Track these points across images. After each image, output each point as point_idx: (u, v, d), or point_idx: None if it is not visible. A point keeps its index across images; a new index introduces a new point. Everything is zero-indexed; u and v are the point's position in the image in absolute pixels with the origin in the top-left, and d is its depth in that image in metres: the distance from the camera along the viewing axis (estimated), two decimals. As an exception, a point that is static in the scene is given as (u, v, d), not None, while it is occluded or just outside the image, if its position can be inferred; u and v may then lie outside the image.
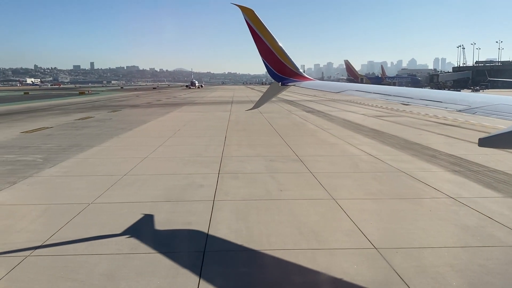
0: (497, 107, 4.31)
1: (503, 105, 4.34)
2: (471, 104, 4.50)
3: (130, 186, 10.95)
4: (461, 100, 4.81)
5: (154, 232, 7.63)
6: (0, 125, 26.27)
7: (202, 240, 7.19)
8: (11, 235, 7.47)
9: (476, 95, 4.96)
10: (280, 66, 7.94)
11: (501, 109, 4.20)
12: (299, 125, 25.76)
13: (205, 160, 14.40)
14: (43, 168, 13.07)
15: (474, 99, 4.80)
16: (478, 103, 4.52)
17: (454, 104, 4.71)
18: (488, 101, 4.57)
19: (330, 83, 9.58)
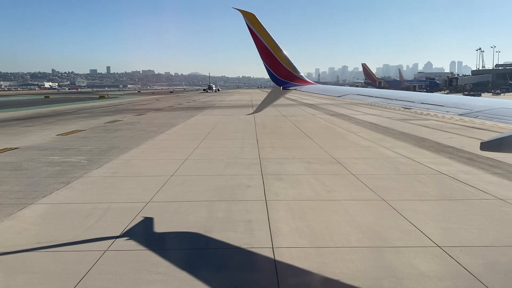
0: (499, 111, 4.30)
1: (505, 109, 4.33)
2: (473, 108, 4.51)
3: (181, 186, 11.29)
4: (462, 104, 4.81)
5: (219, 228, 7.91)
6: (34, 128, 26.95)
7: (266, 237, 7.45)
8: (86, 231, 7.83)
9: (477, 99, 5.01)
10: (281, 70, 8.03)
11: (502, 113, 4.19)
12: (327, 128, 25.93)
13: (244, 162, 14.69)
14: (90, 169, 13.50)
15: (475, 103, 4.82)
16: (479, 107, 4.54)
17: (455, 108, 4.71)
18: (490, 105, 4.58)
19: (331, 87, 9.63)
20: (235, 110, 45.97)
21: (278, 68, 8.02)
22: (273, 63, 8.00)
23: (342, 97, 7.09)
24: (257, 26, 7.70)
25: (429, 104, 5.13)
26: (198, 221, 8.36)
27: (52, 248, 7.07)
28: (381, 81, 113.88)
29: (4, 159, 15.45)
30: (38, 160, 15.15)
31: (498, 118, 4.06)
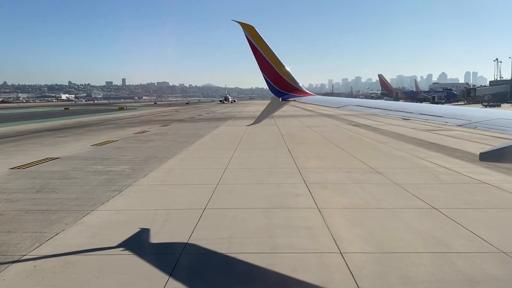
0: (498, 121, 4.32)
1: (503, 119, 4.35)
2: (472, 119, 4.52)
3: (231, 194, 11.62)
4: (461, 115, 4.80)
5: (282, 234, 8.19)
6: (68, 138, 27.66)
7: (331, 243, 7.70)
8: (155, 236, 8.19)
9: (476, 109, 5.04)
10: (281, 81, 8.08)
11: (501, 124, 4.21)
12: (354, 139, 26.10)
13: (284, 171, 14.97)
14: (137, 178, 13.93)
15: (474, 113, 4.82)
16: (478, 117, 4.56)
17: (454, 119, 4.71)
18: (489, 115, 4.60)
19: (331, 98, 9.65)
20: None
21: (277, 80, 8.10)
22: (272, 75, 8.08)
23: (342, 108, 7.16)
24: (256, 38, 7.81)
25: (428, 115, 5.16)
26: (259, 227, 8.66)
27: (129, 251, 7.42)
28: (398, 92, 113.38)
29: (50, 168, 15.99)
30: (83, 169, 15.65)
31: (497, 129, 4.07)
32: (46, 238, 8.09)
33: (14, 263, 6.94)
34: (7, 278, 6.37)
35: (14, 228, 8.77)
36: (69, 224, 9.01)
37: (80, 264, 6.87)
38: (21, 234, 8.39)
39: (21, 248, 7.61)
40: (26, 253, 7.37)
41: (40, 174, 14.85)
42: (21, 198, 11.34)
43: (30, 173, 15.09)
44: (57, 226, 8.87)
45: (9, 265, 6.86)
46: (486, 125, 4.25)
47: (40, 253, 7.36)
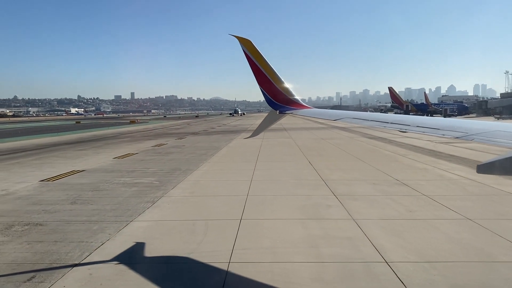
0: (495, 133, 4.33)
1: (500, 131, 4.36)
2: (469, 131, 4.53)
3: (262, 205, 11.79)
4: (458, 127, 4.82)
5: (325, 245, 8.33)
6: (88, 152, 28.06)
7: (374, 252, 7.83)
8: (199, 245, 8.38)
9: (473, 122, 5.07)
10: (278, 94, 8.15)
11: (498, 136, 4.22)
12: (373, 151, 26.19)
13: (310, 183, 15.12)
14: (166, 190, 14.17)
15: (471, 126, 4.83)
16: (475, 130, 4.56)
17: (451, 131, 4.72)
18: (485, 128, 4.61)
19: (327, 111, 9.71)
20: (269, 133, 46.48)
21: (274, 93, 8.17)
22: (269, 88, 8.15)
23: (338, 120, 7.15)
24: (253, 52, 7.91)
25: (425, 127, 5.18)
26: (299, 237, 8.82)
27: (176, 259, 7.61)
28: (409, 105, 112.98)
29: (79, 181, 16.29)
30: (112, 182, 15.92)
31: (494, 141, 4.08)
32: (94, 247, 8.31)
33: (69, 271, 7.15)
34: (67, 285, 6.58)
35: (60, 238, 9.01)
36: (112, 234, 9.23)
37: (134, 272, 7.06)
38: (68, 243, 8.62)
39: (72, 256, 7.83)
40: (79, 261, 7.59)
41: (70, 186, 15.14)
42: (59, 209, 11.61)
43: (61, 185, 15.39)
44: (101, 236, 9.10)
45: (65, 273, 7.07)
46: (483, 138, 4.25)
47: (92, 260, 7.57)
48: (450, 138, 4.60)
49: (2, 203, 12.44)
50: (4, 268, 7.33)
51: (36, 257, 7.85)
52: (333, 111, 9.15)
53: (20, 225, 10.05)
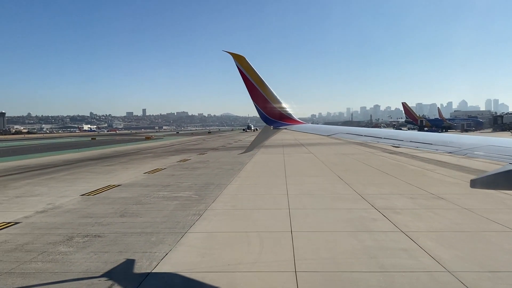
0: (487, 148, 4.35)
1: (493, 146, 4.38)
2: (461, 146, 4.55)
3: (308, 218, 12.05)
4: (450, 142, 4.83)
5: (383, 255, 8.55)
6: (115, 167, 28.61)
7: (434, 263, 8.03)
8: (260, 255, 8.66)
9: (466, 136, 5.12)
10: (271, 110, 8.16)
11: (490, 151, 4.24)
12: (398, 166, 26.31)
13: (347, 197, 15.34)
14: (208, 203, 14.51)
15: (463, 141, 4.84)
16: (468, 144, 4.58)
17: (444, 146, 4.74)
18: (478, 142, 4.62)
19: (321, 126, 9.71)
20: (289, 149, 46.81)
21: (268, 108, 8.20)
22: (263, 103, 8.19)
23: (332, 136, 7.13)
24: (246, 68, 8.01)
25: (418, 142, 5.20)
26: (356, 249, 9.06)
27: (243, 269, 7.89)
28: (423, 120, 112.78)
29: (119, 195, 16.72)
30: (151, 196, 16.32)
31: (486, 156, 4.11)
32: (160, 257, 8.63)
33: (145, 279, 7.47)
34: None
35: (123, 248, 9.35)
36: (172, 244, 9.55)
37: (208, 280, 7.36)
38: (133, 253, 8.96)
39: (142, 266, 8.16)
40: (150, 270, 7.91)
41: (113, 200, 15.55)
42: (110, 222, 11.98)
43: (103, 199, 15.82)
44: (162, 246, 9.43)
45: (140, 281, 7.39)
46: (475, 152, 4.28)
47: (163, 270, 7.88)
48: (443, 153, 4.64)
49: (53, 216, 12.85)
50: (82, 275, 7.67)
51: (108, 266, 8.19)
52: (327, 127, 9.18)
53: (79, 236, 10.43)
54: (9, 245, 9.76)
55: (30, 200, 15.86)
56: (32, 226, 11.59)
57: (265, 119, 8.26)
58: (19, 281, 7.47)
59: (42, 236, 10.49)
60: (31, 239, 10.21)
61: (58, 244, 9.74)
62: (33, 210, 13.82)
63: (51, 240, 10.15)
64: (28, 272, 7.92)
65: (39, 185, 19.80)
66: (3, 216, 12.88)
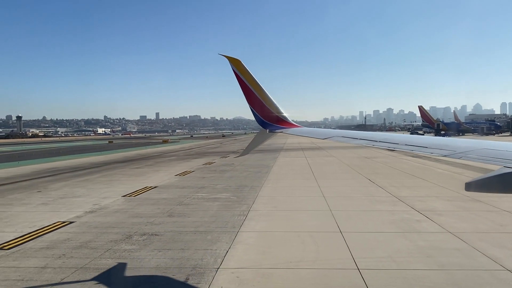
0: (481, 151, 4.37)
1: (487, 149, 4.39)
2: (456, 149, 4.56)
3: (351, 219, 12.34)
4: (445, 145, 4.86)
5: (439, 254, 8.82)
6: (144, 170, 29.21)
7: (490, 261, 8.28)
8: (319, 254, 9.00)
9: (460, 140, 5.18)
10: (267, 113, 8.22)
11: (485, 154, 4.26)
12: (425, 169, 26.41)
13: (384, 200, 15.57)
14: (249, 204, 14.90)
15: (458, 144, 4.86)
16: (462, 148, 4.58)
17: (439, 149, 4.77)
18: (473, 146, 4.63)
19: (317, 130, 9.71)
20: (310, 152, 47.04)
21: (263, 112, 8.26)
22: (259, 107, 8.25)
23: (327, 139, 7.14)
24: (242, 71, 8.07)
25: (413, 145, 5.21)
26: (409, 248, 9.34)
27: (309, 265, 8.24)
28: (440, 123, 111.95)
29: (159, 196, 17.20)
30: (191, 197, 16.77)
31: (481, 159, 4.14)
32: (222, 255, 9.02)
33: (216, 274, 7.86)
34: (225, 286, 7.28)
35: (183, 246, 9.77)
36: (229, 243, 9.95)
37: (276, 276, 7.72)
38: (195, 251, 9.37)
39: (208, 262, 8.56)
40: (218, 266, 8.29)
41: (155, 201, 16.04)
42: (162, 221, 12.43)
43: (145, 200, 16.31)
44: (220, 244, 9.83)
45: (213, 276, 7.78)
46: (470, 156, 4.30)
47: (230, 266, 8.27)
48: (438, 156, 4.66)
49: (104, 216, 13.35)
50: (154, 271, 8.09)
51: (176, 262, 8.60)
52: (322, 130, 9.22)
53: (137, 235, 10.88)
54: (73, 242, 10.25)
55: (74, 201, 16.41)
56: (88, 225, 12.08)
57: (260, 122, 8.35)
58: (97, 275, 7.90)
59: (101, 235, 10.95)
60: (92, 237, 10.68)
61: (119, 242, 10.19)
62: (82, 210, 14.34)
63: (111, 238, 10.61)
64: (101, 267, 8.37)
65: (77, 187, 20.40)
66: (56, 216, 13.41)
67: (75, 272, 8.06)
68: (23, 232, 11.39)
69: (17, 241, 10.47)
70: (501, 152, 4.21)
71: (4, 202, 16.48)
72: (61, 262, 8.73)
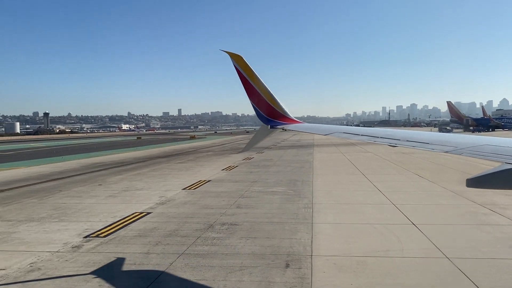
0: (483, 148, 4.35)
1: (489, 146, 4.38)
2: (458, 145, 4.55)
3: (418, 212, 12.65)
4: (447, 142, 4.84)
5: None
6: (189, 164, 30.05)
7: None
8: (404, 244, 9.40)
9: (463, 136, 5.15)
10: (269, 109, 8.22)
11: (486, 150, 4.24)
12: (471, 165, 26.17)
13: (442, 194, 15.83)
14: (309, 198, 15.40)
15: (460, 140, 4.84)
16: (464, 144, 4.57)
17: (441, 145, 4.75)
18: (474, 142, 4.62)
19: (318, 126, 9.70)
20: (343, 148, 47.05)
21: (265, 108, 8.27)
22: (260, 103, 8.25)
23: (329, 135, 7.18)
24: (244, 67, 8.10)
25: (415, 141, 5.20)
26: (488, 239, 9.67)
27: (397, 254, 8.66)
28: (468, 119, 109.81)
29: (218, 189, 17.84)
30: (249, 190, 17.35)
31: (483, 155, 4.11)
32: (308, 243, 9.53)
33: (313, 260, 8.36)
34: (326, 271, 7.78)
35: (267, 235, 10.32)
36: (309, 233, 10.46)
37: (371, 263, 8.18)
38: (281, 240, 9.90)
39: (299, 250, 9.08)
40: (310, 254, 8.80)
41: (217, 193, 16.69)
42: (233, 212, 13.02)
43: (206, 193, 16.97)
44: (302, 234, 10.34)
45: (310, 262, 8.28)
46: (472, 152, 4.29)
47: (322, 254, 8.76)
48: (440, 152, 4.64)
49: (176, 207, 14.03)
50: (252, 257, 8.65)
51: (268, 250, 9.14)
52: (324, 126, 9.21)
53: (218, 225, 11.49)
54: (161, 231, 10.92)
55: (139, 193, 17.19)
56: (165, 216, 12.76)
57: (262, 118, 8.38)
58: (201, 261, 8.50)
59: (183, 224, 11.61)
60: (176, 227, 11.34)
61: (204, 231, 10.81)
62: (152, 202, 15.08)
63: (194, 227, 11.25)
64: (202, 253, 8.98)
65: (134, 181, 21.25)
66: (130, 207, 14.17)
67: (180, 257, 8.68)
68: (108, 221, 12.13)
69: (108, 229, 11.20)
70: (503, 148, 4.22)
71: (72, 194, 17.39)
72: (161, 248, 9.39)
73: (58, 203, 15.33)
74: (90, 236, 10.59)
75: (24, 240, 10.32)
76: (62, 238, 10.39)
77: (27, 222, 12.27)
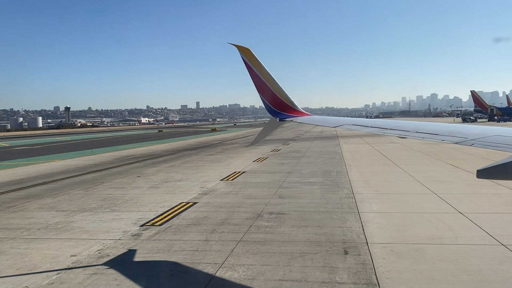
0: (494, 138, 4.29)
1: (500, 136, 4.33)
2: (468, 136, 4.49)
3: (462, 202, 12.66)
4: (457, 132, 4.79)
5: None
6: (218, 156, 30.52)
7: None
8: (457, 232, 9.55)
9: (472, 126, 5.11)
10: (277, 102, 8.19)
11: (497, 141, 4.19)
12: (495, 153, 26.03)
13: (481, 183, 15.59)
14: (348, 188, 15.61)
15: (470, 131, 4.77)
16: (474, 135, 4.50)
17: (450, 137, 4.70)
18: (485, 132, 4.55)
19: (327, 118, 9.58)
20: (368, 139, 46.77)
21: (273, 100, 8.27)
22: (269, 95, 8.23)
23: (339, 127, 7.15)
24: (252, 60, 8.08)
25: (424, 133, 5.16)
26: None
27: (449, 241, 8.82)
28: (493, 109, 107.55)
29: (255, 180, 18.19)
30: (287, 181, 17.64)
31: (493, 146, 4.07)
32: (359, 232, 9.75)
33: (369, 248, 8.59)
34: (386, 257, 8.01)
35: (318, 224, 10.59)
36: (358, 222, 10.68)
37: (428, 250, 8.38)
38: (332, 228, 10.17)
39: (353, 238, 9.32)
40: (365, 241, 9.03)
41: (255, 184, 17.03)
42: (277, 202, 13.32)
43: (245, 183, 17.33)
44: (351, 223, 10.57)
45: (367, 249, 8.52)
46: (482, 142, 4.24)
47: (376, 241, 8.98)
48: (450, 143, 4.59)
49: (220, 197, 14.42)
50: (309, 244, 8.93)
51: (322, 237, 9.41)
52: (333, 118, 9.18)
53: (266, 214, 11.80)
54: (212, 220, 11.29)
55: (180, 184, 17.66)
56: (212, 205, 13.14)
57: (270, 111, 8.43)
58: (260, 247, 8.81)
59: (232, 213, 11.96)
60: (226, 216, 11.70)
61: (255, 220, 11.14)
62: (195, 192, 15.51)
63: (244, 216, 11.59)
64: (259, 240, 9.29)
65: (170, 172, 21.76)
66: (176, 198, 14.61)
67: (239, 244, 9.02)
68: (158, 211, 12.56)
69: (161, 218, 11.64)
70: None
71: (115, 186, 17.95)
72: (218, 236, 9.75)
73: (104, 194, 15.88)
74: (145, 224, 11.02)
75: (84, 229, 10.81)
76: (120, 227, 10.84)
77: (81, 212, 12.79)
